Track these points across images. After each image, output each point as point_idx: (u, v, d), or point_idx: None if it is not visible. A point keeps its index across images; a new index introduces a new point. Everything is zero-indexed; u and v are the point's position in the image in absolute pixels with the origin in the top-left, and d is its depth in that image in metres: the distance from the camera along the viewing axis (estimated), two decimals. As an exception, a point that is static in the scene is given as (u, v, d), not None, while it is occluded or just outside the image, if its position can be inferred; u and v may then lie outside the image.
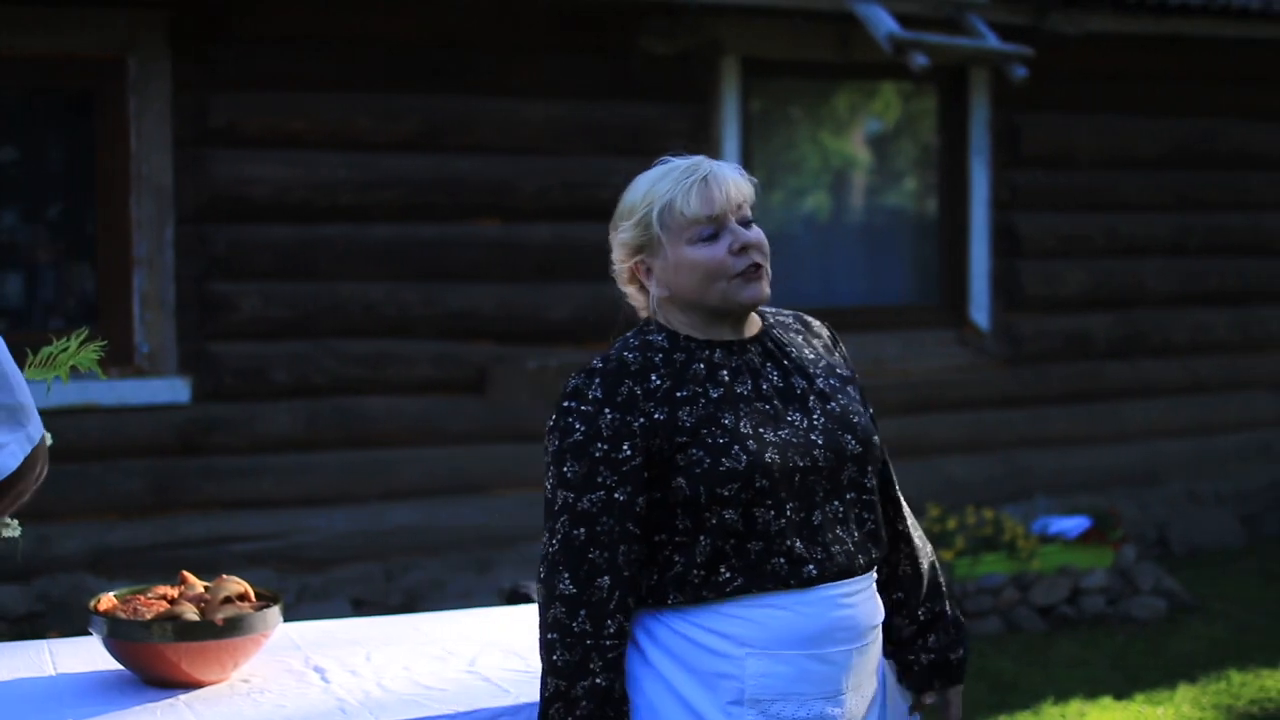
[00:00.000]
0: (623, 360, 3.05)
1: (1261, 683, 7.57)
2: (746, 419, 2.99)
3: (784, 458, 2.97)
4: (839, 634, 3.01)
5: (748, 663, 2.95)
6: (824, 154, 10.08)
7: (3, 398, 2.71)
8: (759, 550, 2.95)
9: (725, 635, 2.96)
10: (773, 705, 2.96)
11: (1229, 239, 10.84)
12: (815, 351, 3.20)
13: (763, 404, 3.04)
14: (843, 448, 3.05)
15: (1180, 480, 10.71)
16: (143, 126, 8.00)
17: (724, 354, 3.07)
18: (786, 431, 3.01)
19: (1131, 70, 10.36)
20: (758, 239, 3.07)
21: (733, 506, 2.94)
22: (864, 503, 3.09)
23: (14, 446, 2.73)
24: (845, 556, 3.02)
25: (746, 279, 3.04)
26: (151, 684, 3.35)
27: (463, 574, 8.65)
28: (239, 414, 8.26)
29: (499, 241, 8.70)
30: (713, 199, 3.06)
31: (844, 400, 3.12)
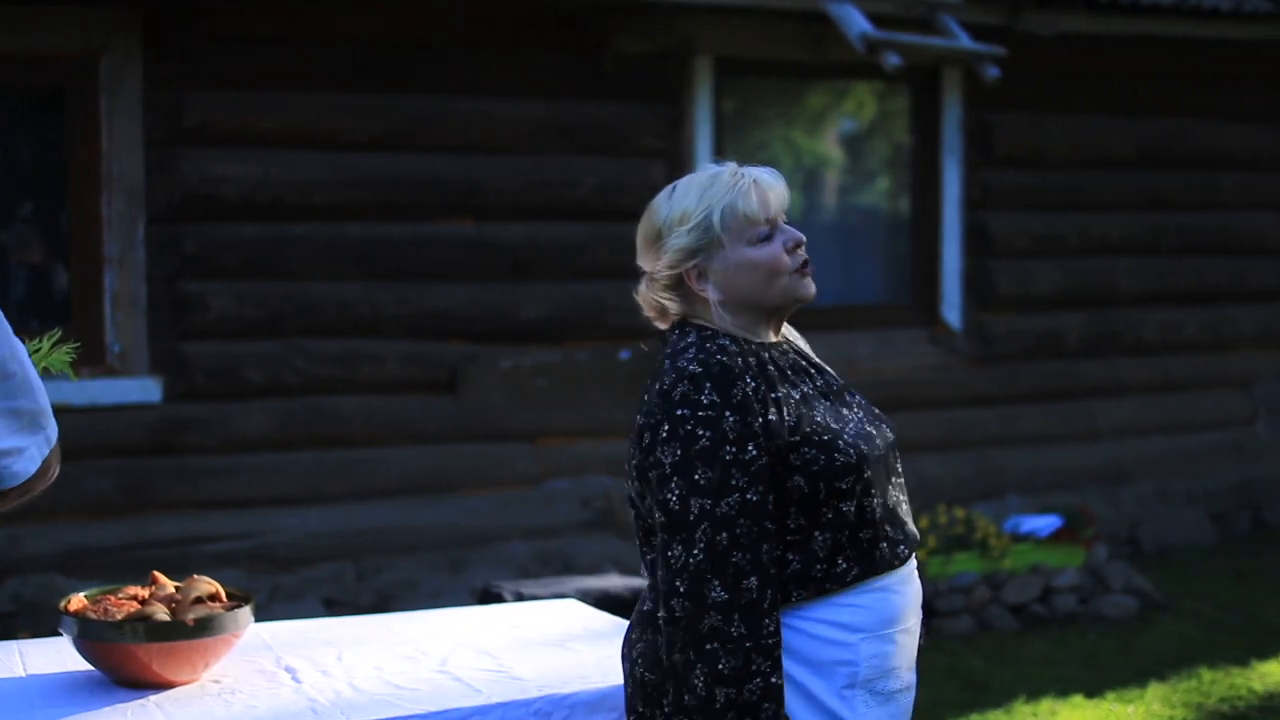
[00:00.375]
0: (726, 364, 3.04)
1: (1232, 680, 7.59)
2: (827, 415, 3.14)
3: (870, 448, 3.13)
4: (916, 604, 3.20)
5: (861, 647, 3.06)
6: (797, 153, 10.09)
7: (25, 403, 2.73)
8: (869, 538, 3.08)
9: (841, 624, 3.05)
10: (878, 683, 3.08)
11: (1200, 239, 10.88)
12: (816, 355, 3.36)
13: (825, 401, 3.19)
14: (888, 435, 3.24)
15: (1151, 479, 10.75)
16: (114, 125, 7.97)
17: (776, 354, 3.19)
18: (854, 425, 3.16)
19: (1103, 70, 10.39)
20: (804, 239, 3.23)
21: (849, 499, 3.06)
22: (900, 485, 3.25)
23: (33, 450, 2.75)
24: (913, 542, 3.20)
25: (802, 275, 3.20)
26: (122, 685, 3.34)
27: (435, 574, 8.64)
28: (211, 414, 8.24)
29: (472, 241, 8.69)
30: (768, 200, 3.16)
31: (863, 396, 3.32)
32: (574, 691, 3.39)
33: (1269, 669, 7.77)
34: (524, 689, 3.41)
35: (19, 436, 2.72)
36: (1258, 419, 11.23)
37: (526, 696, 3.37)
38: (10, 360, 2.69)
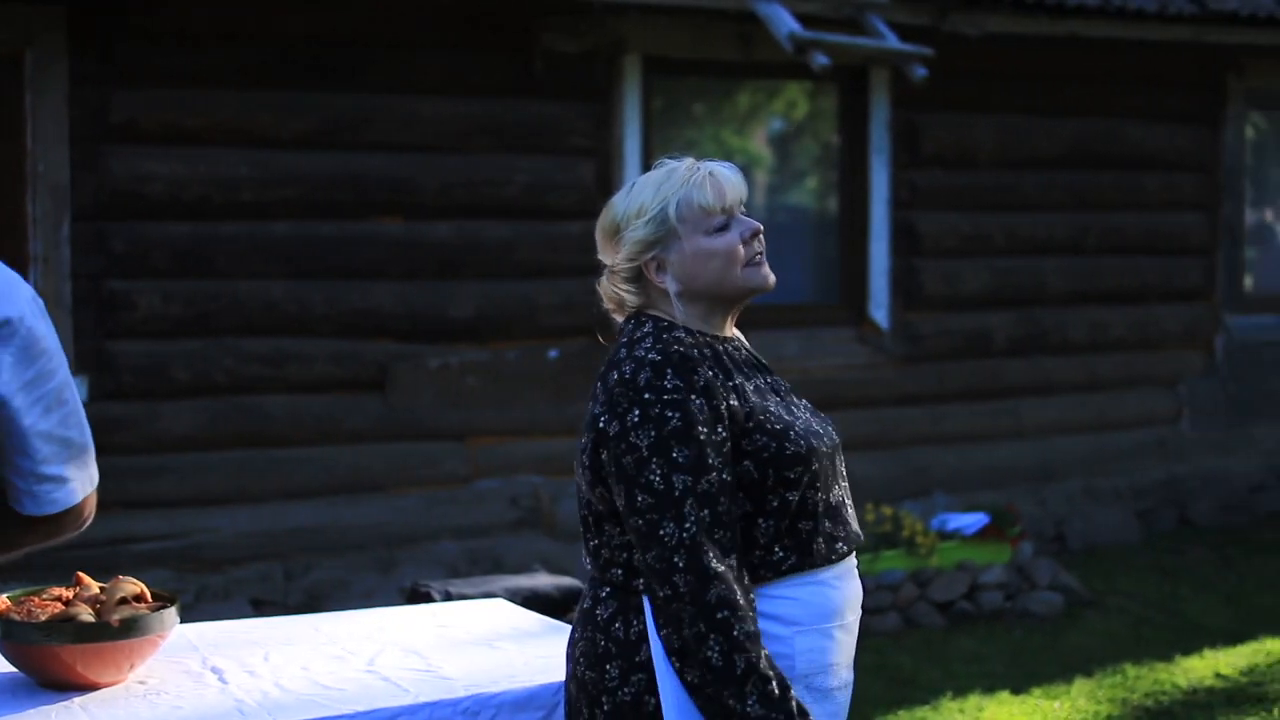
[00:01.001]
0: (684, 351, 3.10)
1: (1156, 676, 7.65)
2: (779, 406, 3.19)
3: (819, 442, 3.17)
4: (855, 602, 3.22)
5: (797, 640, 3.08)
6: (726, 152, 10.10)
7: (75, 435, 2.76)
8: (809, 529, 3.11)
9: (775, 617, 3.06)
10: (815, 679, 3.09)
11: (1126, 239, 10.96)
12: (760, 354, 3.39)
13: (775, 396, 3.23)
14: (834, 436, 3.27)
15: (1077, 477, 10.83)
16: (39, 122, 7.91)
17: (730, 348, 3.25)
18: (802, 420, 3.20)
19: (1030, 71, 10.46)
20: (760, 228, 3.30)
21: (795, 489, 3.09)
22: (846, 488, 3.27)
23: (75, 485, 2.78)
24: (857, 537, 3.23)
25: (758, 264, 3.26)
26: (47, 687, 3.32)
27: (365, 573, 8.61)
28: (138, 413, 8.19)
29: (400, 239, 8.67)
30: (723, 191, 3.23)
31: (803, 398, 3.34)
32: (502, 691, 3.39)
33: (1192, 664, 7.85)
34: (452, 688, 3.41)
35: (66, 467, 2.75)
36: (1183, 417, 11.33)
37: (454, 696, 3.37)
38: (66, 389, 2.73)
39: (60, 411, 2.70)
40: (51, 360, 2.65)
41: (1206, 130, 11.31)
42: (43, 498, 2.73)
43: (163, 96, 8.16)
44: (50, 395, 2.66)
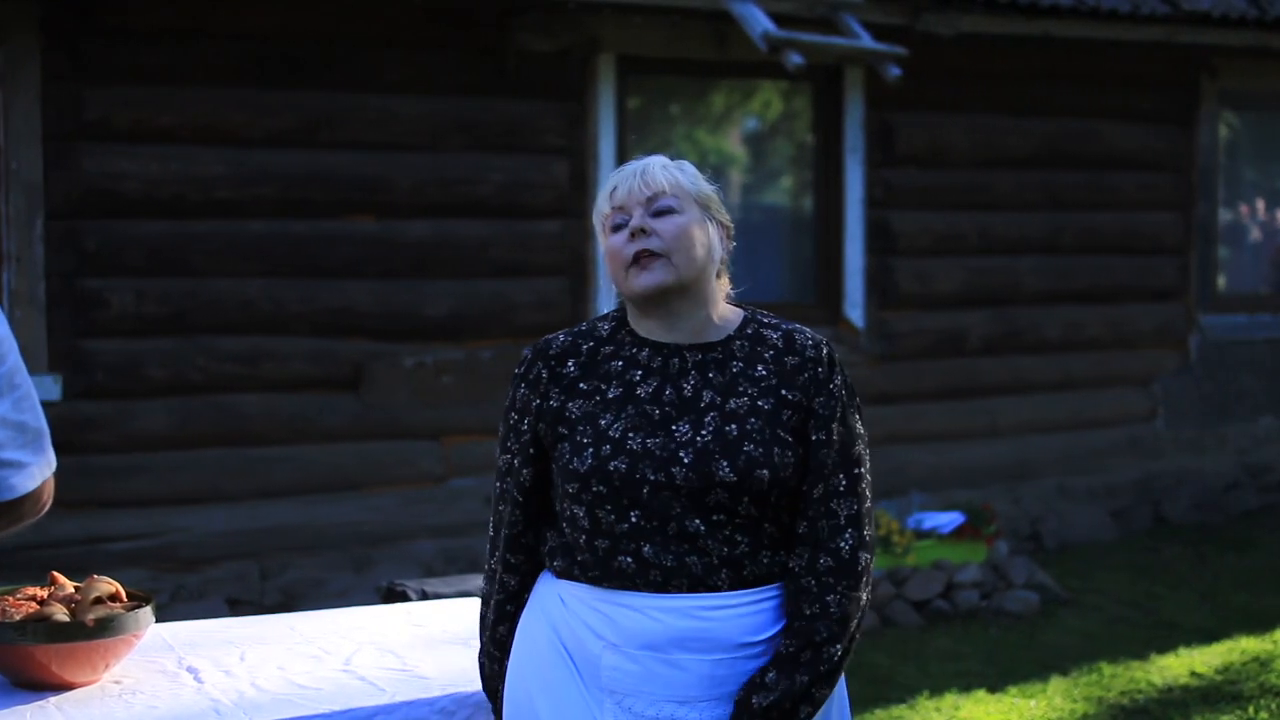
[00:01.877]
0: (550, 342, 3.24)
1: (1131, 674, 7.67)
2: (623, 422, 3.09)
3: (633, 468, 3.04)
4: (691, 643, 3.05)
5: (603, 655, 3.08)
6: (701, 151, 10.11)
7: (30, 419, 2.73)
8: (605, 548, 3.08)
9: (589, 626, 3.10)
10: (625, 698, 3.08)
11: (1100, 238, 10.99)
12: (768, 371, 3.17)
13: (652, 408, 3.11)
14: (712, 472, 3.04)
15: (1052, 476, 10.85)
16: (12, 119, 7.89)
17: (650, 354, 3.17)
18: (658, 442, 3.06)
19: (1004, 71, 10.48)
20: (658, 226, 3.12)
21: (578, 504, 3.10)
22: (737, 526, 3.06)
23: (34, 469, 2.76)
24: (703, 569, 3.05)
25: (639, 266, 3.12)
26: (21, 686, 3.31)
27: (340, 572, 8.60)
28: (112, 412, 8.17)
29: (375, 238, 8.66)
30: (617, 192, 3.17)
31: (752, 425, 3.09)
32: (478, 690, 3.38)
33: (1167, 662, 7.87)
34: (428, 687, 3.41)
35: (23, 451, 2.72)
36: (1157, 416, 11.36)
37: (430, 695, 3.37)
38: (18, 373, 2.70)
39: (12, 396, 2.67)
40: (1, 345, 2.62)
41: (1180, 130, 11.34)
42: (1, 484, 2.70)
43: (136, 94, 8.14)
44: (3, 380, 2.63)
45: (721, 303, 3.26)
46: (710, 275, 3.20)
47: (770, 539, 3.11)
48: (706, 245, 3.18)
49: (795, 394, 3.16)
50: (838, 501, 3.14)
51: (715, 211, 3.23)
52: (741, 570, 3.07)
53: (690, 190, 3.18)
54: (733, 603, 3.07)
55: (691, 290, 3.16)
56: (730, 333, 3.21)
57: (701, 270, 3.16)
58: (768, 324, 3.26)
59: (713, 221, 3.22)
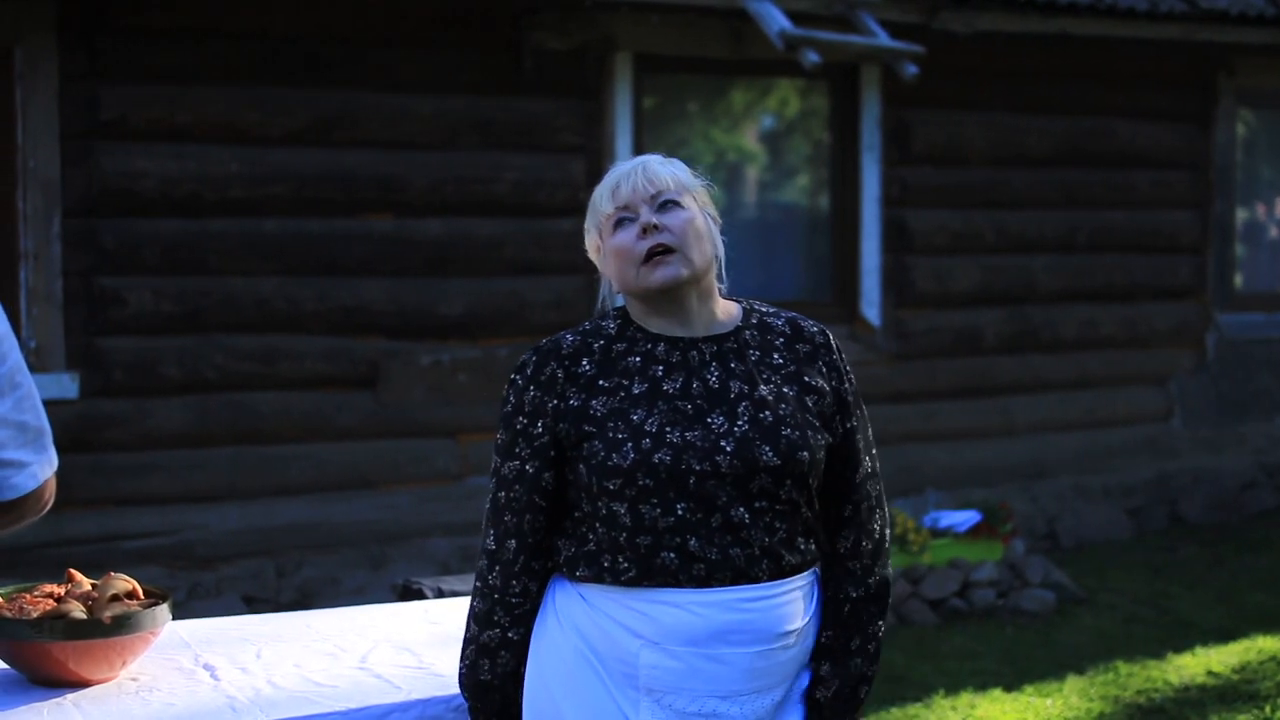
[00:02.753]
0: (559, 342, 3.20)
1: (1148, 673, 7.66)
2: (658, 417, 3.08)
3: (678, 459, 3.03)
4: (733, 636, 3.05)
5: (641, 654, 3.05)
6: (717, 150, 10.10)
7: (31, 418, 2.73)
8: (648, 545, 3.04)
9: (623, 625, 3.07)
10: (665, 696, 3.06)
11: (1116, 237, 10.97)
12: (784, 358, 3.21)
13: (685, 403, 3.10)
14: (756, 457, 3.06)
15: (1068, 474, 10.83)
16: (29, 118, 7.90)
17: (668, 349, 3.16)
18: (697, 434, 3.06)
19: (1021, 69, 10.46)
20: (667, 221, 3.12)
21: (619, 500, 3.05)
22: (777, 513, 3.09)
23: (35, 468, 2.75)
24: (745, 561, 3.05)
25: (653, 263, 3.11)
26: (38, 683, 3.31)
27: (356, 570, 8.61)
28: (128, 410, 8.18)
29: (390, 236, 8.66)
30: (619, 189, 3.16)
31: (784, 410, 3.12)
32: (494, 687, 3.37)
33: (1184, 661, 7.85)
34: (444, 685, 3.40)
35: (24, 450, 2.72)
36: (1174, 415, 11.34)
37: (446, 693, 3.36)
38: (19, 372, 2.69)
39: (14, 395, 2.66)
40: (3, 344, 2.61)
41: (1197, 128, 11.32)
42: (3, 484, 2.70)
43: (153, 93, 8.15)
44: (4, 380, 2.63)
45: (720, 297, 3.26)
46: (714, 268, 3.21)
47: (804, 525, 3.15)
48: (709, 235, 3.19)
49: (818, 380, 3.22)
50: (871, 484, 3.28)
51: (706, 206, 3.23)
52: (780, 560, 3.08)
53: (686, 182, 3.20)
54: (773, 593, 3.09)
55: (702, 283, 3.17)
56: (738, 323, 3.23)
57: (709, 262, 3.18)
58: (768, 313, 3.29)
59: (706, 215, 3.21)
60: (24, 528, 2.91)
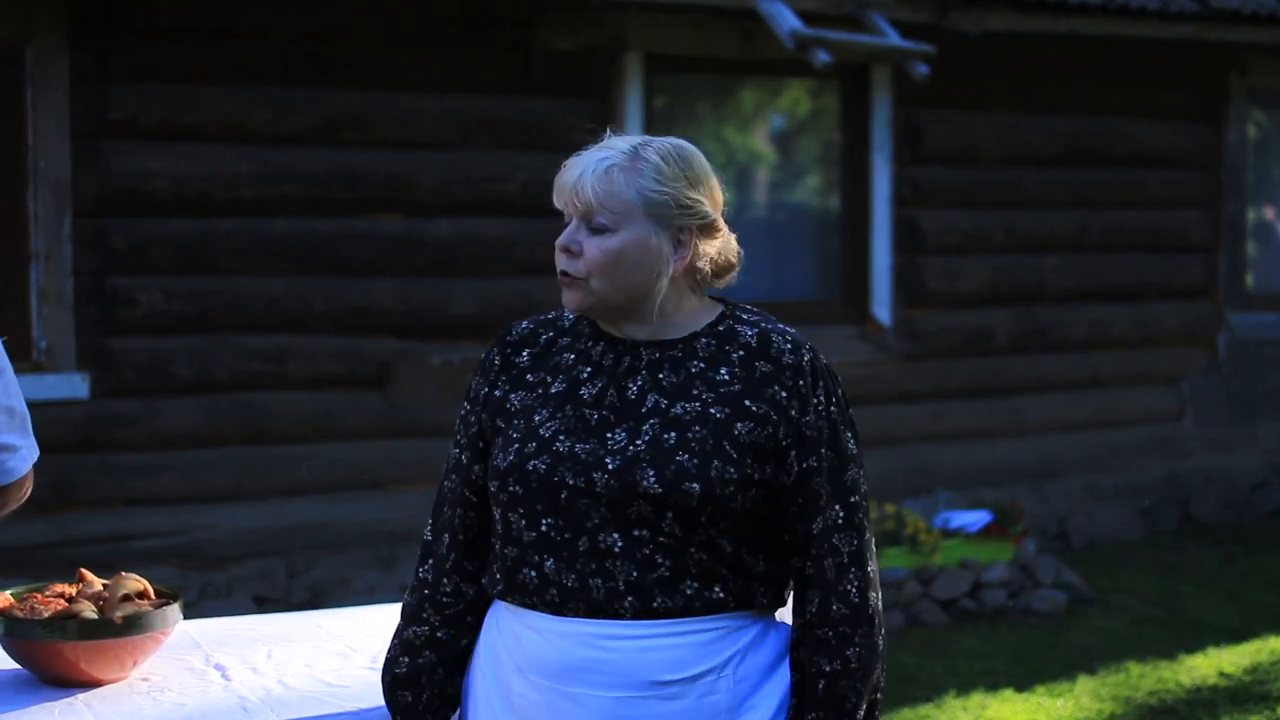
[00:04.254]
0: (511, 327, 3.03)
1: (1159, 674, 7.65)
2: (556, 421, 2.84)
3: (553, 470, 2.79)
4: (589, 675, 2.79)
5: (513, 680, 2.89)
6: (728, 150, 10.10)
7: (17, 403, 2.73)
8: (513, 558, 2.85)
9: (504, 644, 2.91)
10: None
11: (1126, 236, 10.95)
12: (733, 375, 2.86)
13: (591, 412, 2.84)
14: (636, 481, 2.75)
15: (1079, 474, 10.81)
16: (40, 118, 7.90)
17: (605, 349, 2.91)
18: (588, 446, 2.80)
19: (1031, 69, 10.45)
20: (584, 245, 2.84)
21: (498, 505, 2.88)
22: (660, 546, 2.76)
23: (25, 452, 2.76)
24: (605, 593, 2.77)
25: (564, 283, 2.88)
26: (49, 683, 3.31)
27: (366, 570, 8.61)
28: (139, 410, 8.18)
29: (400, 236, 8.66)
30: (560, 194, 2.92)
31: (695, 433, 2.79)
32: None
33: (1195, 662, 7.84)
34: (455, 685, 3.39)
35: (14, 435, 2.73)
36: (1185, 415, 11.32)
37: (458, 693, 3.35)
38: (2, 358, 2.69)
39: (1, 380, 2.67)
40: None
41: (1208, 128, 11.30)
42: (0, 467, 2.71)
43: (162, 93, 8.15)
44: None
45: (692, 298, 2.91)
46: (656, 288, 2.84)
47: (700, 567, 2.78)
48: (650, 260, 2.82)
49: (761, 406, 2.82)
50: (839, 537, 2.85)
51: (673, 218, 2.84)
52: (651, 600, 2.76)
53: (633, 200, 2.82)
54: (637, 634, 2.78)
55: (627, 307, 2.86)
56: (697, 329, 2.90)
57: (638, 288, 2.83)
58: (745, 320, 2.93)
59: (665, 230, 2.83)
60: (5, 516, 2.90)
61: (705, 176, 2.91)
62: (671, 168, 2.87)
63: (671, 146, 2.91)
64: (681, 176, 2.87)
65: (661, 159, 2.86)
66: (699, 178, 2.89)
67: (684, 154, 2.91)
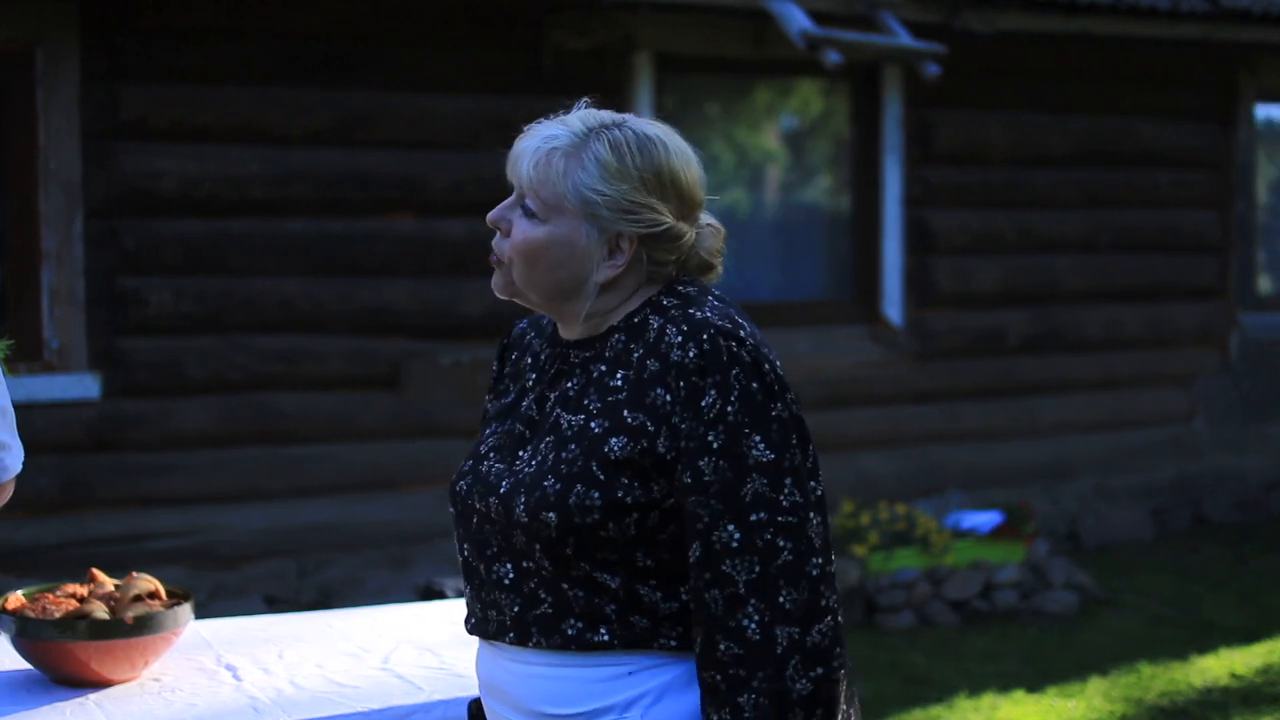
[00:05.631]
0: (508, 331, 2.87)
1: (1171, 675, 7.64)
2: (493, 437, 2.69)
3: (469, 493, 2.64)
4: (497, 695, 2.69)
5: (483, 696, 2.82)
6: (739, 150, 10.09)
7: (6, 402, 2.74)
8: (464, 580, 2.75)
9: None
10: None
11: (1139, 237, 10.94)
12: (625, 378, 2.55)
13: (522, 427, 2.65)
14: (512, 508, 2.53)
15: (1091, 475, 10.80)
16: (51, 119, 7.91)
17: (550, 356, 2.69)
18: (500, 466, 2.62)
19: (1042, 68, 10.44)
20: (509, 225, 2.60)
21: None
22: (543, 580, 2.54)
23: (17, 450, 2.77)
24: (497, 627, 2.62)
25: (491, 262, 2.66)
26: (61, 683, 3.31)
27: (378, 570, 8.61)
28: (151, 410, 8.19)
29: (413, 236, 8.67)
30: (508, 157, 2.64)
31: (568, 453, 2.52)
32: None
33: (1208, 663, 7.83)
34: (466, 685, 3.39)
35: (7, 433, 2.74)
36: (1197, 416, 11.31)
37: (468, 693, 3.35)
38: None
39: None
40: None
41: (1219, 128, 11.28)
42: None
43: (173, 93, 8.16)
44: None
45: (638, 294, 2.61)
46: (582, 291, 2.57)
47: (580, 605, 2.52)
48: (574, 262, 2.55)
49: (639, 416, 2.48)
50: (731, 563, 2.42)
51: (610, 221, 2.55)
52: (527, 637, 2.57)
53: (566, 193, 2.54)
54: (520, 662, 2.62)
55: (546, 302, 2.63)
56: (614, 323, 2.60)
57: (557, 286, 2.58)
58: (663, 307, 2.57)
59: (599, 232, 2.55)
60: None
61: (669, 177, 2.57)
62: (622, 164, 2.53)
63: (634, 138, 2.56)
64: (633, 176, 2.54)
65: (612, 152, 2.53)
66: (658, 179, 2.56)
67: (647, 149, 2.56)
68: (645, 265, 2.59)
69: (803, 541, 2.44)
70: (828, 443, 9.50)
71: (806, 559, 2.44)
